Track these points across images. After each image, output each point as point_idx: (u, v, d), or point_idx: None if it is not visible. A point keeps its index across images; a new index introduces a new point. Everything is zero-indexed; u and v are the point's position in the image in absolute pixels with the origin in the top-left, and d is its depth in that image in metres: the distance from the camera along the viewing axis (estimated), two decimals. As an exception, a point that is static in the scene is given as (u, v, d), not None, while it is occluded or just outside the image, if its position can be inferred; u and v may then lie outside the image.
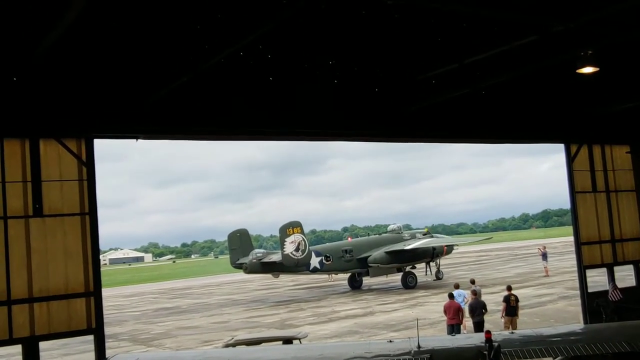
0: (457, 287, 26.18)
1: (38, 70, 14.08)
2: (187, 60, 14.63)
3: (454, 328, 23.01)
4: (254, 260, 49.80)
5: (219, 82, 16.24)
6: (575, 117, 23.06)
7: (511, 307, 23.81)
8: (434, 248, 51.77)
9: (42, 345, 14.42)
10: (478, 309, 23.20)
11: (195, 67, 14.64)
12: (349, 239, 68.22)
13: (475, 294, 24.03)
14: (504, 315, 24.05)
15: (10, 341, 14.04)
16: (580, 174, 23.84)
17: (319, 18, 13.98)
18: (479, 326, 22.62)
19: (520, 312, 24.75)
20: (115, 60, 14.64)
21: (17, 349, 14.34)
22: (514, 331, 12.34)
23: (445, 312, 23.76)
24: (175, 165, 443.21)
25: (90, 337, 15.06)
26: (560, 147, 23.96)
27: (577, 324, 22.90)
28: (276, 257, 49.54)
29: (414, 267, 52.31)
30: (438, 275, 53.75)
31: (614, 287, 23.83)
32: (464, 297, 25.34)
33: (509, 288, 24.82)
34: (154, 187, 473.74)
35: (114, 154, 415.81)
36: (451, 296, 24.04)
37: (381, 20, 14.43)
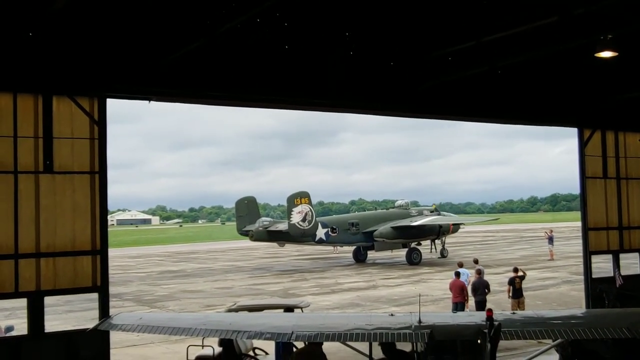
0: (460, 265, 26.22)
1: (54, 26, 14.03)
2: (203, 24, 14.54)
3: (457, 306, 23.13)
4: (261, 228, 50.04)
5: (234, 48, 16.14)
6: (590, 102, 22.87)
7: (516, 289, 23.73)
8: (440, 226, 51.81)
9: (47, 301, 14.56)
10: (480, 288, 23.24)
11: (211, 32, 14.56)
12: None
13: (480, 273, 24.03)
14: (510, 297, 24.00)
15: (16, 294, 14.19)
16: (592, 159, 23.72)
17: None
18: (480, 305, 22.70)
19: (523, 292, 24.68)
20: (131, 21, 14.56)
21: (23, 302, 14.51)
22: (515, 311, 12.38)
23: (450, 289, 23.88)
24: (188, 130, 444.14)
25: (95, 296, 15.19)
26: (572, 132, 23.82)
27: (579, 309, 22.96)
28: (282, 226, 49.74)
29: (419, 244, 52.40)
30: (443, 253, 53.86)
31: (620, 273, 23.81)
32: (467, 275, 25.40)
33: (515, 270, 24.65)
34: (166, 151, 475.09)
35: (129, 115, 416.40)
36: (457, 274, 24.10)
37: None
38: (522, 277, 24.35)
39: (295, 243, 52.39)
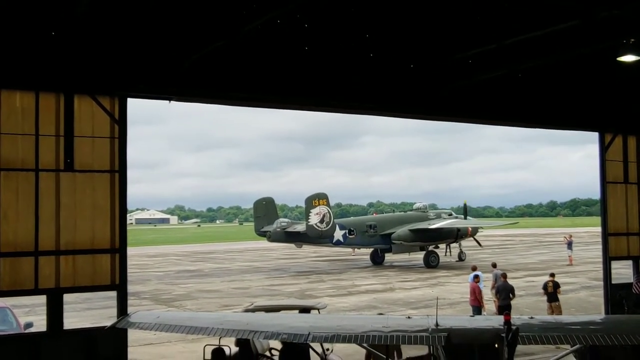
0: (474, 269, 26.08)
1: (77, 26, 14.13)
2: (224, 24, 14.59)
3: (474, 310, 23.07)
4: (278, 229, 50.12)
5: (254, 49, 16.18)
6: (611, 106, 22.67)
7: (549, 293, 23.65)
8: (458, 229, 51.65)
9: (66, 298, 14.66)
10: (504, 292, 23.01)
11: (231, 33, 14.61)
12: (374, 214, 68.12)
13: (505, 277, 23.87)
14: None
15: (35, 291, 14.29)
16: (613, 164, 23.48)
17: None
18: (503, 310, 22.45)
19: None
20: (152, 21, 14.64)
21: (42, 299, 14.63)
22: (533, 316, 12.27)
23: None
24: (211, 132, 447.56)
25: (113, 294, 15.27)
26: (593, 137, 23.59)
27: (598, 314, 22.74)
28: (300, 227, 49.83)
29: (437, 247, 52.24)
30: (461, 257, 53.71)
31: (638, 279, 23.58)
32: (480, 278, 25.26)
33: (552, 275, 24.60)
34: (188, 152, 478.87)
35: (154, 117, 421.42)
36: (476, 278, 24.02)
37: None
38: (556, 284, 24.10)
39: (313, 244, 52.41)
